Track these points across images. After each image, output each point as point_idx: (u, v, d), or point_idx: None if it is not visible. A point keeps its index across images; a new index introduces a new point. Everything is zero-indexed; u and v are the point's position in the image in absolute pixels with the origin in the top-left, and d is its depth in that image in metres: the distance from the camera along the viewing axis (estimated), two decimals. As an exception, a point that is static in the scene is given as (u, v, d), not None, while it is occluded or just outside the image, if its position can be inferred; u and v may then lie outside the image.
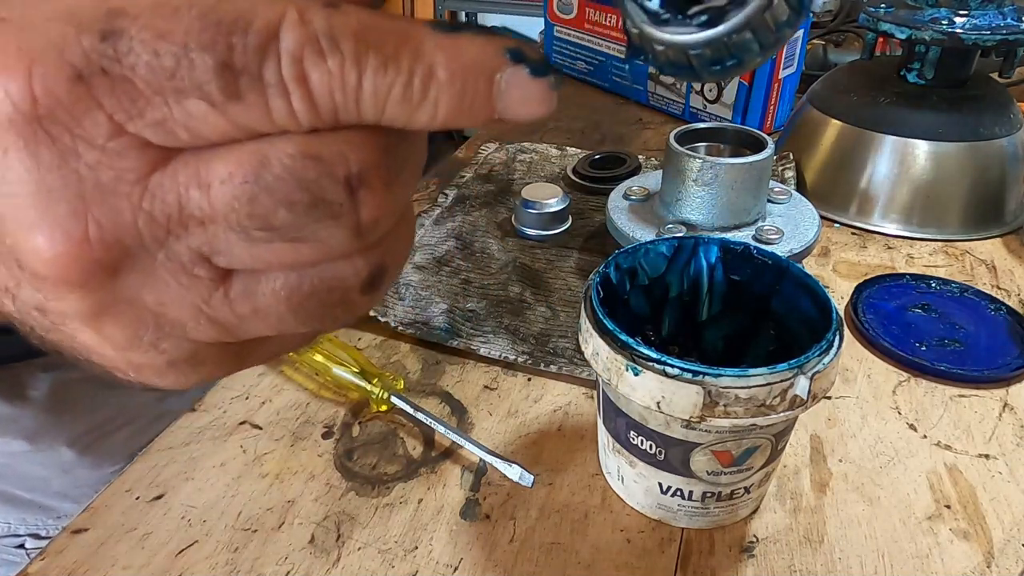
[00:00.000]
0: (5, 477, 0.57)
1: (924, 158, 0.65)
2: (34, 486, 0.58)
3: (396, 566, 0.38)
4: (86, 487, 0.59)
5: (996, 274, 0.61)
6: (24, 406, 0.54)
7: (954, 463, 0.44)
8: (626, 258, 0.40)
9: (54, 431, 0.56)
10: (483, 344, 0.51)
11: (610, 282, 0.40)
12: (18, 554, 0.60)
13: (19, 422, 0.54)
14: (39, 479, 0.58)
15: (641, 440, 0.37)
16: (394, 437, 0.45)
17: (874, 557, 0.38)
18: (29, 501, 0.59)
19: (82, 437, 0.57)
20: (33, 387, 0.54)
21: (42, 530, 0.60)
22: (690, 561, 0.38)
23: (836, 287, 0.59)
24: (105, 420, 0.58)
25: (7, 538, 0.60)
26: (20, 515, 0.59)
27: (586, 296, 0.37)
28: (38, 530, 0.60)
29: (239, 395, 0.48)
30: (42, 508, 0.59)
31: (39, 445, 0.56)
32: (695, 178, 0.52)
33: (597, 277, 0.38)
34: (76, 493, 0.59)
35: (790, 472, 0.43)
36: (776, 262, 0.40)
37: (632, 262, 0.41)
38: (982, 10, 0.64)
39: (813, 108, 0.72)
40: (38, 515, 0.59)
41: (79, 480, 0.59)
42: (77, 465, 0.58)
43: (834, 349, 0.34)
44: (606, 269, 0.39)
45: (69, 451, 0.57)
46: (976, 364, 0.50)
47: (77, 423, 0.57)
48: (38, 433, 0.55)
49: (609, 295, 0.39)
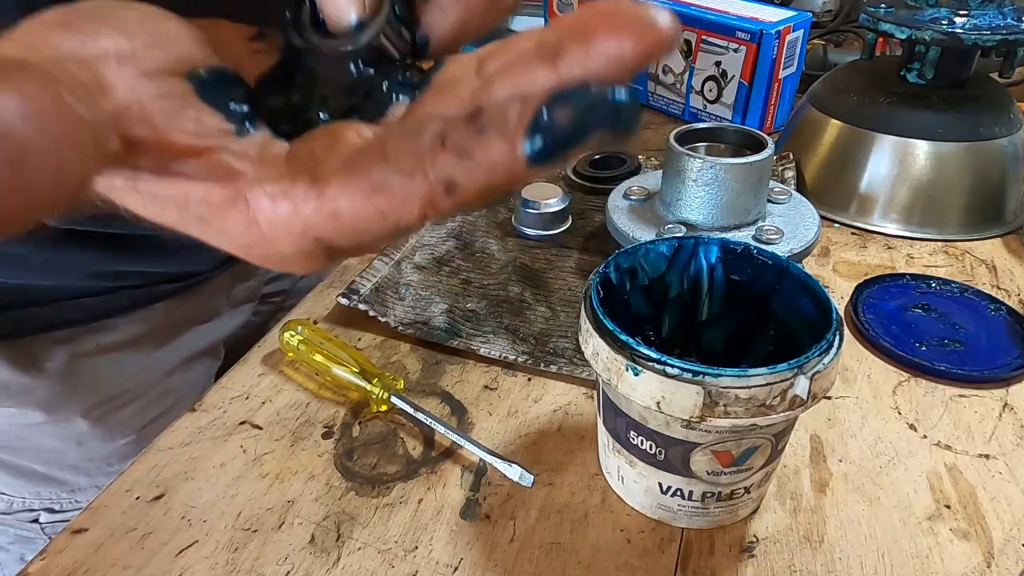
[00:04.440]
0: (20, 450, 0.57)
1: (924, 158, 0.65)
2: (49, 459, 0.58)
3: (396, 566, 0.38)
4: (99, 460, 0.59)
5: (996, 274, 0.61)
6: (40, 377, 0.54)
7: (954, 463, 0.44)
8: (626, 258, 0.40)
9: (69, 402, 0.56)
10: (483, 344, 0.51)
11: (610, 282, 0.40)
12: (33, 528, 0.60)
13: (35, 392, 0.54)
14: (54, 451, 0.58)
15: (641, 440, 0.37)
16: (394, 437, 0.45)
17: (874, 557, 0.38)
18: (44, 474, 0.59)
19: (95, 408, 0.58)
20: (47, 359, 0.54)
21: (56, 504, 0.60)
22: (690, 561, 0.38)
23: (836, 287, 0.59)
24: (117, 392, 0.58)
25: (22, 512, 0.60)
26: (35, 488, 0.59)
27: (586, 296, 0.37)
28: (52, 504, 0.60)
29: (239, 395, 0.48)
30: (56, 481, 0.59)
31: (55, 416, 0.56)
32: (695, 178, 0.52)
33: (597, 277, 0.38)
34: (89, 466, 0.60)
35: (790, 472, 0.43)
36: (776, 262, 0.40)
37: (632, 262, 0.41)
38: (982, 10, 0.64)
39: (813, 108, 0.72)
40: (53, 488, 0.60)
41: (92, 452, 0.59)
42: (91, 437, 0.58)
43: (834, 349, 0.34)
44: (606, 269, 0.39)
45: (84, 422, 0.57)
46: (976, 364, 0.50)
47: (91, 395, 0.57)
48: (54, 404, 0.55)
49: (609, 295, 0.39)
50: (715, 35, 0.81)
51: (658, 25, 0.17)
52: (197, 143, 0.21)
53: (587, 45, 0.17)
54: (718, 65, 0.82)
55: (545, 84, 0.18)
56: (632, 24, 0.17)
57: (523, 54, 0.19)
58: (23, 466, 0.58)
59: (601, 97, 0.17)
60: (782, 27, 0.78)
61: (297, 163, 0.20)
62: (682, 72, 0.86)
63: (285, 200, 0.19)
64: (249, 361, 0.51)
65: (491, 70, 0.20)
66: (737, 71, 0.81)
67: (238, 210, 0.20)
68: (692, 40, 0.83)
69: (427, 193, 0.18)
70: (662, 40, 0.17)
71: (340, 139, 0.21)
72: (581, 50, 0.17)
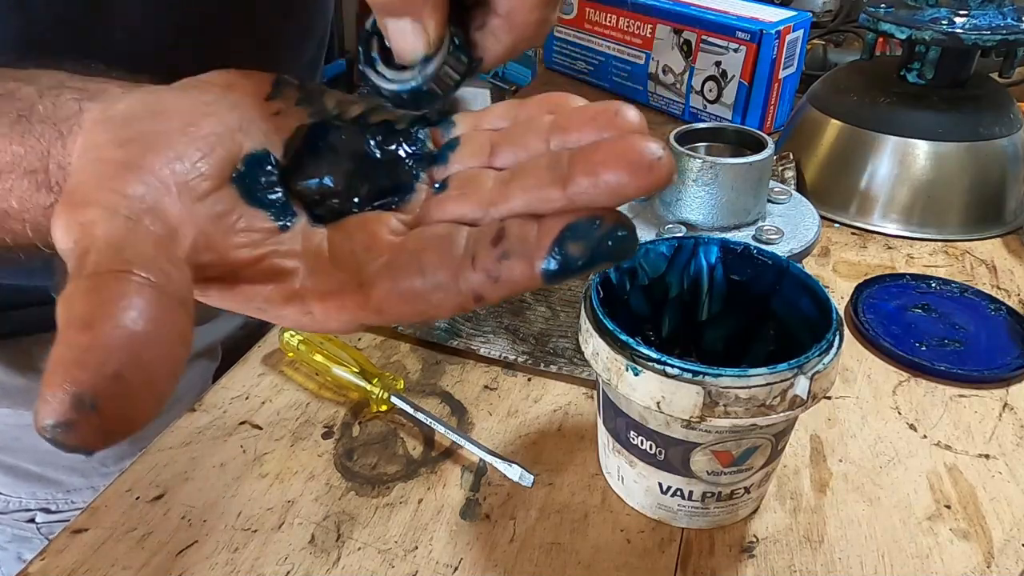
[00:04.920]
0: (15, 451, 0.57)
1: (924, 158, 0.65)
2: (43, 459, 0.58)
3: (396, 566, 0.38)
4: (94, 461, 0.59)
5: (996, 274, 0.61)
6: (35, 378, 0.54)
7: (954, 463, 0.44)
8: (626, 258, 0.40)
9: None
10: (483, 344, 0.51)
11: (610, 282, 0.40)
12: (29, 528, 0.60)
13: (30, 393, 0.54)
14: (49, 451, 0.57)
15: (641, 440, 0.37)
16: (394, 437, 0.45)
17: (874, 557, 0.38)
18: (39, 475, 0.59)
19: None
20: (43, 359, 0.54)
21: (52, 504, 0.60)
22: (690, 561, 0.38)
23: (836, 287, 0.59)
24: None
25: (18, 512, 0.60)
26: (30, 489, 0.59)
27: (586, 296, 0.37)
28: (48, 504, 0.60)
29: (239, 395, 0.48)
30: (52, 482, 0.59)
31: None
32: (695, 178, 0.52)
33: (597, 277, 0.38)
34: (84, 467, 0.59)
35: (790, 472, 0.43)
36: (776, 262, 0.40)
37: (632, 262, 0.41)
38: (982, 10, 0.64)
39: (813, 108, 0.72)
40: (48, 489, 0.60)
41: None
42: None
43: (834, 349, 0.34)
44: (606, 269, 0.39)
45: None
46: (976, 364, 0.50)
47: None
48: None
49: (609, 295, 0.39)
50: (715, 35, 0.81)
51: (657, 165, 0.19)
52: (253, 255, 0.23)
53: (595, 177, 0.20)
54: (718, 65, 0.82)
55: (557, 205, 0.21)
56: (635, 164, 0.19)
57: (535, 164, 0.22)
58: (19, 466, 0.58)
59: (606, 234, 0.20)
60: (782, 27, 0.78)
61: (341, 263, 0.23)
62: (682, 72, 0.86)
63: (335, 300, 0.23)
64: (249, 361, 0.51)
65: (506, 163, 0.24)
66: (737, 71, 0.81)
67: (294, 306, 0.23)
68: (692, 40, 0.83)
69: (459, 303, 0.21)
70: (659, 180, 0.19)
71: (376, 238, 0.24)
72: (589, 181, 0.20)
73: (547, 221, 0.21)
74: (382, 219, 0.24)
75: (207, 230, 0.22)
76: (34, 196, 0.25)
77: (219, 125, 0.24)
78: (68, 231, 0.20)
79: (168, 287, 0.19)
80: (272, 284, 0.23)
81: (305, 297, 0.23)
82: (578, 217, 0.20)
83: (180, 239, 0.22)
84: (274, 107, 0.26)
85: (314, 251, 0.24)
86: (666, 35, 0.86)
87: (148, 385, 0.17)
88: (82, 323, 0.17)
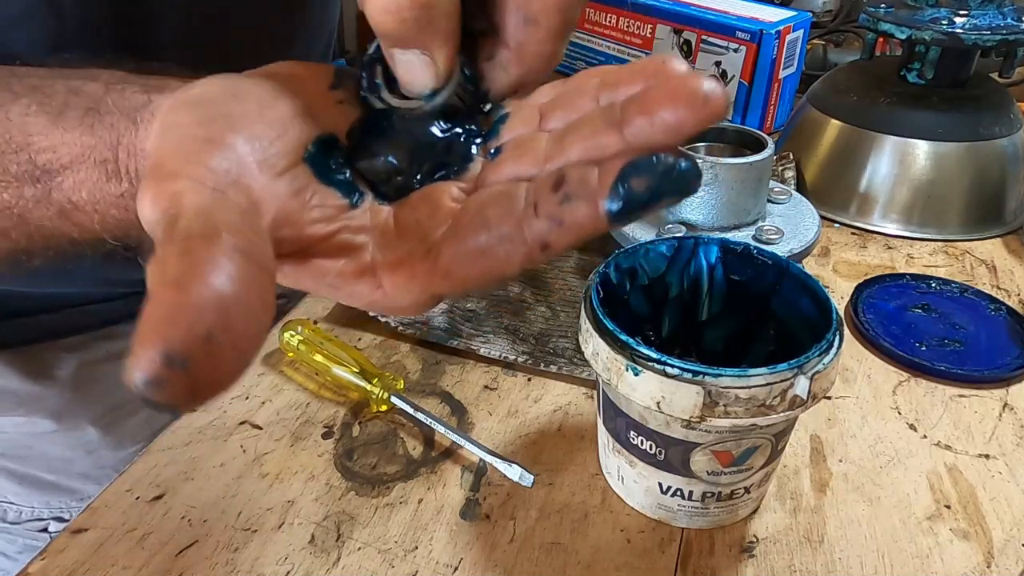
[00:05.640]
0: (29, 459, 0.57)
1: (924, 158, 0.65)
2: (57, 467, 0.58)
3: (396, 566, 0.38)
4: (108, 468, 0.59)
5: (996, 274, 0.61)
6: (50, 385, 0.54)
7: (954, 463, 0.44)
8: (626, 258, 0.40)
9: (79, 410, 0.56)
10: (483, 344, 0.51)
11: (610, 282, 0.40)
12: (42, 538, 0.60)
13: (45, 401, 0.54)
14: (63, 460, 0.58)
15: (641, 440, 0.37)
16: (394, 437, 0.45)
17: (874, 557, 0.38)
18: (53, 483, 0.59)
19: (105, 416, 0.58)
20: (57, 367, 0.54)
21: (65, 513, 0.60)
22: (690, 561, 0.38)
23: (836, 287, 0.59)
24: (126, 400, 0.58)
25: (31, 522, 0.60)
26: (44, 498, 0.59)
27: (586, 296, 0.37)
28: (62, 513, 0.60)
29: (239, 395, 0.48)
30: (65, 490, 0.59)
31: (65, 424, 0.56)
32: (695, 178, 0.52)
33: (597, 277, 0.38)
34: (98, 474, 0.59)
35: (790, 472, 0.43)
36: (776, 262, 0.40)
37: (632, 262, 0.41)
38: (982, 10, 0.64)
39: (813, 108, 0.72)
40: (62, 498, 0.59)
41: (102, 460, 0.59)
42: (100, 445, 0.58)
43: (834, 349, 0.34)
44: (606, 269, 0.39)
45: (93, 429, 0.57)
46: (976, 364, 0.50)
47: (100, 402, 0.57)
48: (63, 412, 0.55)
49: (609, 295, 0.39)
50: (715, 35, 0.81)
51: (712, 97, 0.19)
52: (327, 230, 0.24)
53: (650, 116, 0.20)
54: (718, 65, 0.82)
55: (614, 149, 0.21)
56: (690, 98, 0.19)
57: (590, 117, 0.22)
58: (32, 475, 0.58)
59: (670, 167, 0.19)
60: (782, 27, 0.78)
61: (408, 233, 0.24)
62: (682, 72, 0.86)
63: (405, 269, 0.23)
64: (249, 361, 0.51)
65: (557, 126, 0.23)
66: (737, 71, 0.81)
67: (365, 280, 0.24)
68: (692, 40, 0.83)
69: (526, 253, 0.21)
70: (716, 112, 0.19)
71: (439, 206, 0.24)
72: (645, 120, 0.20)
73: (607, 162, 0.20)
74: (443, 188, 0.25)
75: (286, 205, 0.23)
76: (104, 186, 0.26)
77: (291, 108, 0.24)
78: (156, 202, 0.20)
79: (255, 254, 0.19)
80: (344, 259, 0.24)
81: (376, 270, 0.24)
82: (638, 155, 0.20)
83: (263, 212, 0.22)
84: (337, 96, 0.26)
85: (382, 226, 0.25)
86: (666, 35, 0.86)
87: (235, 348, 0.17)
88: (175, 283, 0.17)
